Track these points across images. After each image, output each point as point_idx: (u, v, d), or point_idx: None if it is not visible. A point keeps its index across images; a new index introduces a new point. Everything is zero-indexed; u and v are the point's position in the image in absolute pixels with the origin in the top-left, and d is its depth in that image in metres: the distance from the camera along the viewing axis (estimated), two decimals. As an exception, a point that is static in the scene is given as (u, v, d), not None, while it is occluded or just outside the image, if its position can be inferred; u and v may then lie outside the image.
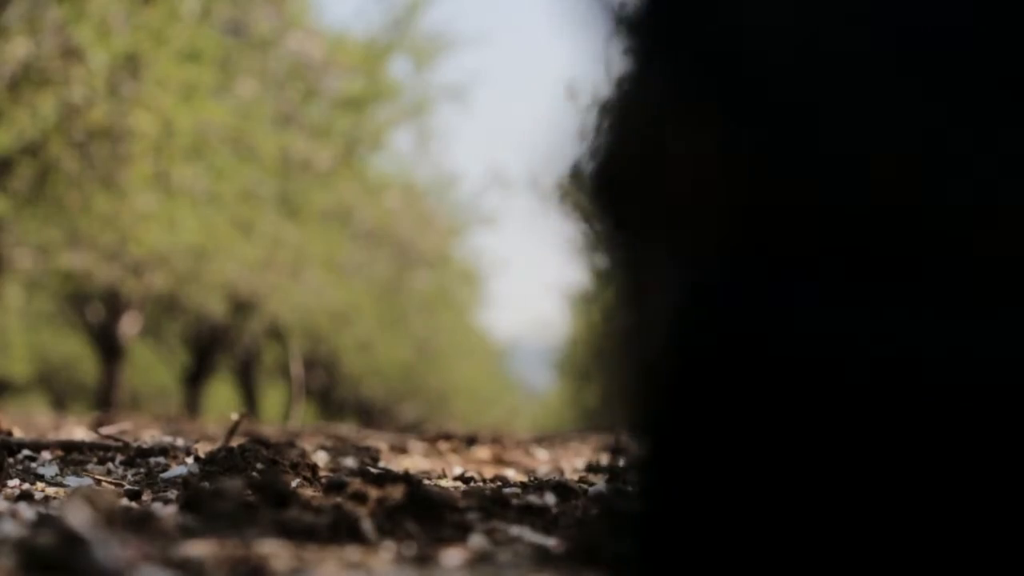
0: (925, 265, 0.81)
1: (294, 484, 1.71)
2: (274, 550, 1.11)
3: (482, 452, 3.12)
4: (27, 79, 6.31)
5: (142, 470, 1.98)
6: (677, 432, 0.89)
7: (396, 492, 1.79)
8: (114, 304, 12.83)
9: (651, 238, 0.93)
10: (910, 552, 0.83)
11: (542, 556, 1.13)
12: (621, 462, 2.29)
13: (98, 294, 12.58)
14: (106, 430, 2.58)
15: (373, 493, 1.38)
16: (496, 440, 3.40)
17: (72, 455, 2.12)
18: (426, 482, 2.01)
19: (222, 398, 22.90)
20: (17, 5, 6.07)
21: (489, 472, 2.63)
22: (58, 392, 24.28)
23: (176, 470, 1.83)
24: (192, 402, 15.74)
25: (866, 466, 0.82)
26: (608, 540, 1.11)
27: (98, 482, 1.83)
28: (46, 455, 2.10)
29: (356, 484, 1.74)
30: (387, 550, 1.15)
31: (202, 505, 1.24)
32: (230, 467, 1.74)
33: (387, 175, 15.69)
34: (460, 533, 1.25)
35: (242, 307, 14.48)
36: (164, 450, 2.10)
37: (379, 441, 3.23)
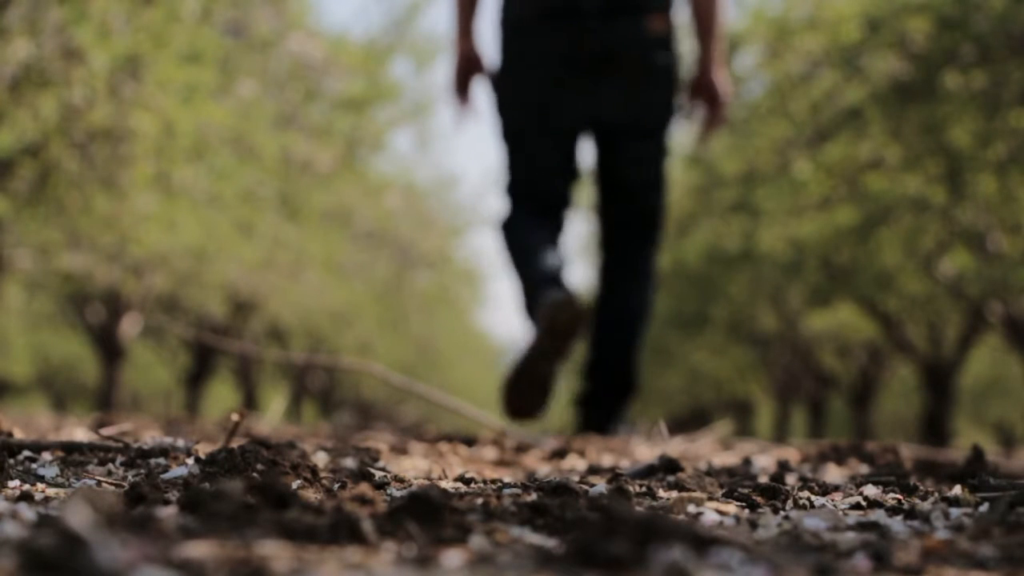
0: None
1: (294, 485, 1.71)
2: (274, 551, 1.11)
3: (482, 453, 3.12)
4: (28, 80, 6.31)
5: (142, 471, 1.98)
6: None
7: (397, 493, 1.79)
8: (114, 305, 12.83)
9: None
10: None
11: (543, 557, 1.13)
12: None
13: (98, 295, 12.59)
14: (106, 431, 2.58)
15: (373, 494, 1.38)
16: (496, 441, 3.40)
17: (73, 456, 2.12)
18: (426, 483, 2.01)
19: (222, 398, 22.91)
20: (18, 6, 6.07)
21: (490, 473, 2.63)
22: (58, 393, 24.30)
23: (176, 471, 1.83)
24: (192, 402, 15.74)
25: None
26: (608, 541, 1.12)
27: (99, 483, 1.83)
28: (47, 456, 2.10)
29: (357, 485, 1.74)
30: (388, 551, 1.15)
31: (202, 506, 1.24)
32: (230, 468, 1.74)
33: (387, 176, 15.71)
34: (461, 534, 1.25)
35: (242, 308, 14.48)
36: (164, 451, 2.10)
37: (379, 442, 3.23)
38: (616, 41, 3.78)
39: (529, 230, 3.86)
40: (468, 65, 4.06)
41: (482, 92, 4.16)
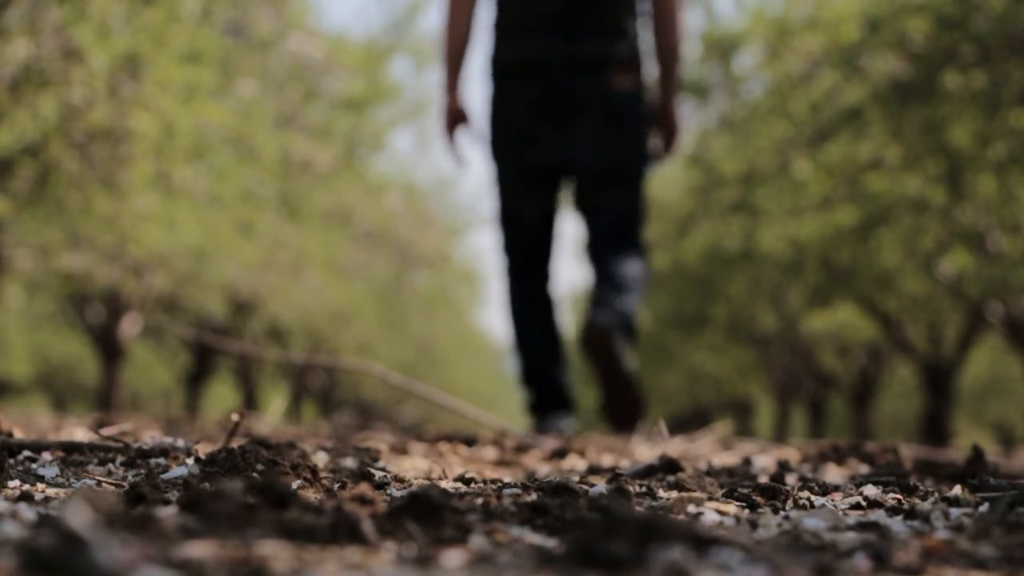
0: None
1: (294, 485, 1.71)
2: (274, 551, 1.11)
3: (482, 453, 3.12)
4: (28, 80, 6.31)
5: (142, 471, 1.98)
6: None
7: (397, 493, 1.79)
8: (114, 305, 12.83)
9: None
10: None
11: (543, 557, 1.13)
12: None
13: (98, 295, 12.58)
14: (106, 431, 2.58)
15: (373, 494, 1.38)
16: (496, 441, 3.40)
17: (73, 456, 2.12)
18: (426, 483, 2.01)
19: (222, 398, 22.91)
20: (18, 6, 6.07)
21: (490, 473, 2.63)
22: (58, 393, 24.29)
23: (176, 471, 1.83)
24: (192, 402, 15.74)
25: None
26: (608, 541, 1.12)
27: (99, 483, 1.83)
28: (47, 456, 2.10)
29: (357, 485, 1.74)
30: (388, 551, 1.15)
31: (202, 506, 1.24)
32: (230, 468, 1.74)
33: (387, 176, 15.71)
34: (461, 534, 1.25)
35: (242, 308, 14.47)
36: (164, 451, 2.10)
37: (379, 442, 3.23)
38: (583, 93, 4.27)
39: (529, 308, 4.42)
40: (455, 117, 4.51)
41: (468, 139, 4.60)
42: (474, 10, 4.42)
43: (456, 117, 4.51)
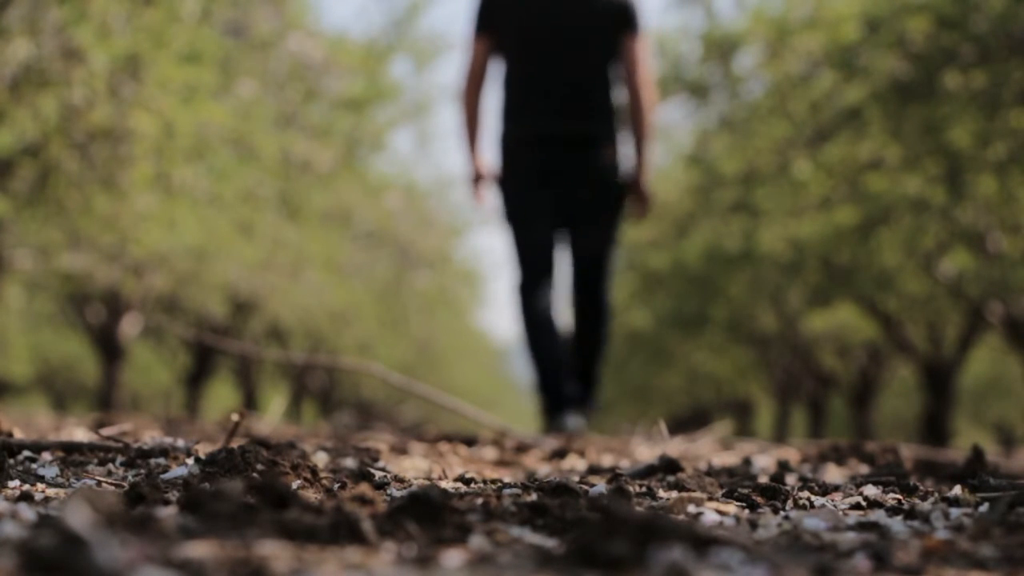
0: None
1: (294, 485, 1.71)
2: (274, 551, 1.11)
3: (482, 453, 3.12)
4: (28, 80, 6.30)
5: (142, 471, 1.98)
6: None
7: (397, 493, 1.79)
8: (114, 305, 12.83)
9: None
10: None
11: (543, 557, 1.13)
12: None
13: (98, 295, 12.58)
14: (106, 431, 2.58)
15: (373, 494, 1.38)
16: (496, 441, 3.40)
17: (73, 456, 2.12)
18: (426, 483, 2.01)
19: (222, 398, 22.91)
20: (18, 6, 6.07)
21: (490, 473, 2.63)
22: (58, 393, 24.29)
23: (176, 471, 1.83)
24: (192, 402, 15.73)
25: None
26: (608, 541, 1.12)
27: (99, 483, 1.83)
28: (46, 456, 2.10)
29: (357, 485, 1.74)
30: (388, 551, 1.15)
31: (202, 506, 1.24)
32: (230, 468, 1.74)
33: (387, 176, 15.69)
34: (460, 534, 1.25)
35: (242, 308, 14.47)
36: (164, 451, 2.10)
37: (379, 442, 3.23)
38: (576, 165, 5.34)
39: (539, 317, 5.27)
40: (478, 175, 5.52)
41: (490, 191, 5.57)
42: (481, 95, 5.51)
43: (479, 175, 5.53)
